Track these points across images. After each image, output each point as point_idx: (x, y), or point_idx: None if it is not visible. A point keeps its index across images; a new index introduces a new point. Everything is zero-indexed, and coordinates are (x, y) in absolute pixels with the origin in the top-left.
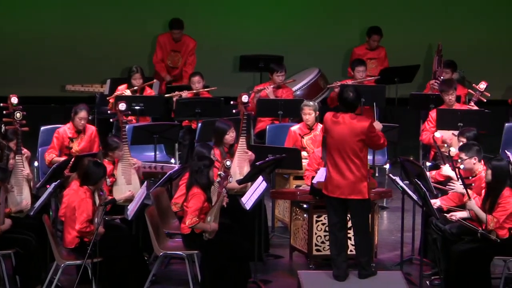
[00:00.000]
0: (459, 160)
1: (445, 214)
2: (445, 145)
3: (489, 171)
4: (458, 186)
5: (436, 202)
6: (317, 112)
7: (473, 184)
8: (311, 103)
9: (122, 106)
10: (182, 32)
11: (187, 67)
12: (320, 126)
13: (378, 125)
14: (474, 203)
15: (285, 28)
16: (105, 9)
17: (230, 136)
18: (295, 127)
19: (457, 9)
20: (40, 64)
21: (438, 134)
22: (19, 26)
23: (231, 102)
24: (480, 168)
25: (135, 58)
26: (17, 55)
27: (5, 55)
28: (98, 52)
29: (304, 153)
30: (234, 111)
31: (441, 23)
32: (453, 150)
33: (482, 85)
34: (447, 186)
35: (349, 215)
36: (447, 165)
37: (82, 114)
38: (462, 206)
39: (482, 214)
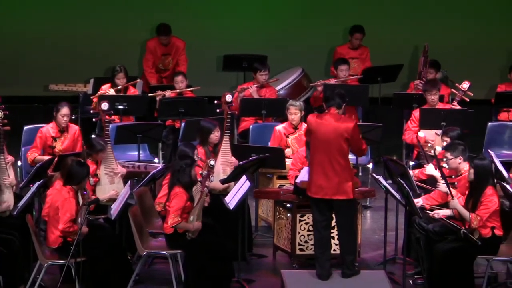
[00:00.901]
0: (444, 160)
1: (428, 212)
2: (429, 144)
3: (472, 170)
4: (441, 185)
5: (419, 201)
6: (303, 112)
7: (456, 184)
8: (297, 103)
9: (104, 105)
10: (169, 37)
11: (181, 67)
12: (305, 125)
13: None
14: (457, 202)
15: (268, 28)
16: (89, 8)
17: (215, 135)
18: (280, 127)
19: (441, 10)
20: (23, 63)
21: (421, 133)
22: (1, 25)
23: (215, 102)
24: (465, 167)
25: (118, 58)
26: None
27: None
28: (81, 52)
29: (288, 150)
30: (218, 110)
31: (425, 23)
32: (438, 149)
33: (465, 85)
34: (437, 186)
35: (334, 215)
36: (430, 164)
37: (64, 110)
38: (445, 205)
39: (465, 213)
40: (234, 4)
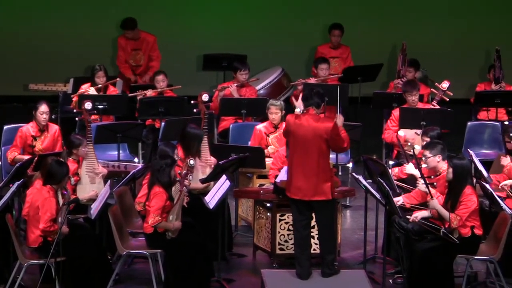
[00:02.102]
0: (423, 158)
1: (408, 217)
2: (408, 143)
3: (450, 170)
4: (421, 185)
5: (399, 200)
6: (283, 111)
7: (435, 184)
8: (277, 102)
9: (88, 105)
10: (135, 31)
11: (153, 63)
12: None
13: (340, 120)
14: (437, 202)
15: (248, 27)
16: (68, 8)
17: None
18: (261, 126)
19: (420, 9)
20: (3, 63)
21: (401, 132)
22: None
23: (192, 102)
24: (444, 166)
25: (98, 57)
26: None
27: None
28: (61, 51)
29: (271, 147)
30: (194, 110)
31: (404, 22)
32: (417, 148)
33: (445, 84)
34: (417, 185)
35: (313, 214)
36: (410, 163)
37: (43, 108)
38: (425, 204)
39: (445, 213)
40: (214, 3)
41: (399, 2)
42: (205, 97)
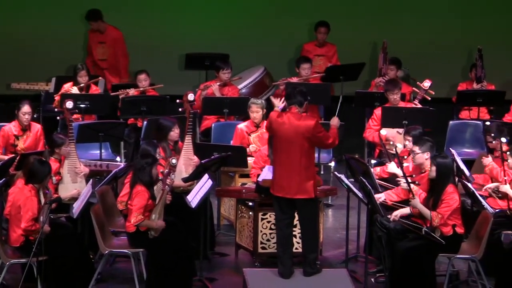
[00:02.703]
0: (412, 154)
1: (388, 217)
2: (391, 142)
3: (433, 168)
4: (403, 184)
5: (381, 197)
6: (264, 110)
7: (417, 182)
8: (258, 101)
9: (69, 104)
10: (99, 23)
11: (122, 59)
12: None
13: (335, 121)
14: (418, 201)
15: (231, 26)
16: (49, 6)
17: (174, 132)
18: (242, 125)
19: (402, 8)
20: None
21: (383, 131)
22: None
23: (177, 101)
24: (429, 164)
25: (80, 56)
26: None
27: None
28: (43, 50)
29: (252, 146)
30: (180, 109)
31: (386, 21)
32: (400, 147)
33: (427, 83)
34: (399, 184)
35: (296, 213)
36: (392, 162)
37: (25, 108)
38: (407, 202)
39: (426, 212)
40: (197, 2)
41: (381, 1)
42: (190, 97)
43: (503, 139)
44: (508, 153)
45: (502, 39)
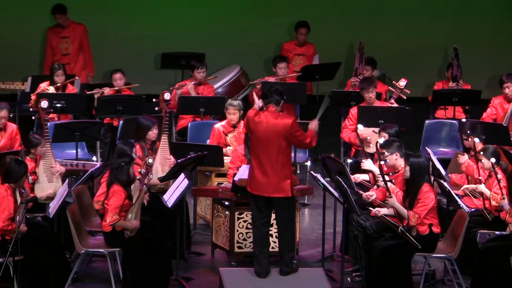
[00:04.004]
0: (381, 158)
1: (370, 208)
2: (370, 143)
3: (408, 168)
4: (380, 182)
5: (372, 195)
6: (241, 111)
7: (393, 181)
8: (235, 102)
9: (44, 103)
10: (66, 17)
11: (85, 53)
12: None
13: (313, 124)
14: (395, 200)
15: (208, 26)
16: (26, 6)
17: (153, 132)
18: (219, 125)
19: (378, 7)
20: None
21: (361, 126)
22: None
23: (153, 100)
24: (402, 164)
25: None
26: None
27: None
28: (18, 50)
29: (229, 148)
30: (156, 108)
31: (362, 21)
32: (380, 141)
33: (402, 82)
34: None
35: (273, 212)
36: (369, 159)
37: (3, 113)
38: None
39: (403, 211)
40: (172, 1)
41: (358, 1)
42: (166, 96)
43: (476, 139)
44: (481, 153)
45: (478, 39)
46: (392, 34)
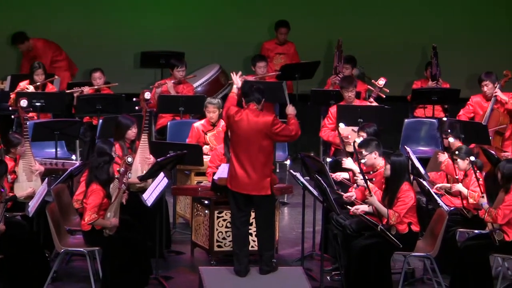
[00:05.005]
0: (360, 157)
1: (349, 207)
2: (351, 142)
3: (388, 166)
4: (359, 180)
5: (353, 196)
6: (221, 110)
7: (373, 179)
8: (214, 101)
9: (23, 102)
10: (26, 44)
11: (63, 62)
12: (223, 122)
13: (290, 109)
14: (375, 199)
15: (187, 25)
16: (6, 5)
17: (132, 131)
18: (198, 124)
19: (357, 6)
20: None
21: (342, 125)
22: None
23: (134, 99)
24: (381, 163)
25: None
26: None
27: None
28: None
29: (206, 147)
30: (136, 108)
31: (341, 20)
32: (358, 141)
33: (381, 81)
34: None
35: (253, 211)
36: (349, 158)
37: None
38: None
39: (383, 209)
40: (151, 0)
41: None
42: (147, 95)
43: (451, 139)
44: (456, 153)
45: (457, 37)
46: (371, 33)
